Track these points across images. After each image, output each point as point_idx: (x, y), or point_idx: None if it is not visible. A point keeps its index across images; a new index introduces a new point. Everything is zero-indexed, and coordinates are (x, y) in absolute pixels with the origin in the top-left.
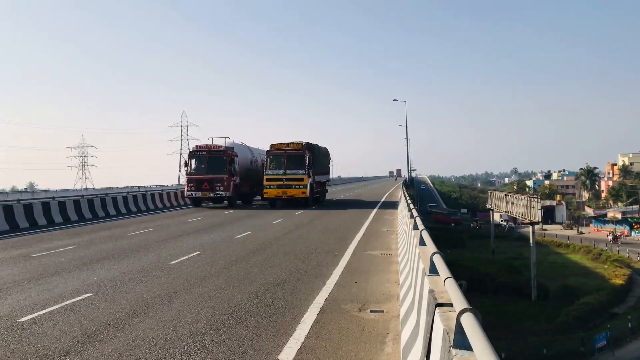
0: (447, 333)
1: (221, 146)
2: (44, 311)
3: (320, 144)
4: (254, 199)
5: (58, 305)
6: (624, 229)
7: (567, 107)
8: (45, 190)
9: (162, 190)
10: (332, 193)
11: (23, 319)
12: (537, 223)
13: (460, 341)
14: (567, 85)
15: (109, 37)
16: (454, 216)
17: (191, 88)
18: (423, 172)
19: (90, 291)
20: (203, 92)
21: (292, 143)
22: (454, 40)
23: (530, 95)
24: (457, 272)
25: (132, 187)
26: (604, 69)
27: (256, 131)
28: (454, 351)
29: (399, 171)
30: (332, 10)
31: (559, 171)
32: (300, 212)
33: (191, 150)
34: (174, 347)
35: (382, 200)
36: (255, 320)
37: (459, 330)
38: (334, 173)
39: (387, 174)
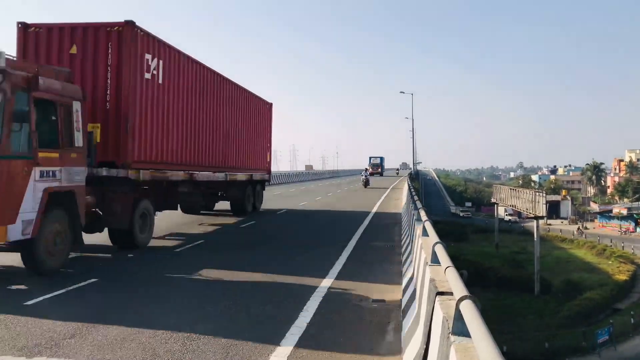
0: (447, 320)
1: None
2: None
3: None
4: None
5: None
6: (629, 225)
7: (575, 102)
8: None
9: None
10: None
11: None
12: (542, 217)
13: (459, 328)
14: (575, 80)
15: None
16: None
17: None
18: (429, 164)
19: None
20: None
21: None
22: (461, 34)
23: (538, 89)
24: (461, 265)
25: None
26: (612, 64)
27: None
28: (452, 337)
29: (405, 164)
30: (334, 4)
31: (565, 166)
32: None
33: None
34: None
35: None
36: (259, 308)
37: (458, 317)
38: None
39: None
